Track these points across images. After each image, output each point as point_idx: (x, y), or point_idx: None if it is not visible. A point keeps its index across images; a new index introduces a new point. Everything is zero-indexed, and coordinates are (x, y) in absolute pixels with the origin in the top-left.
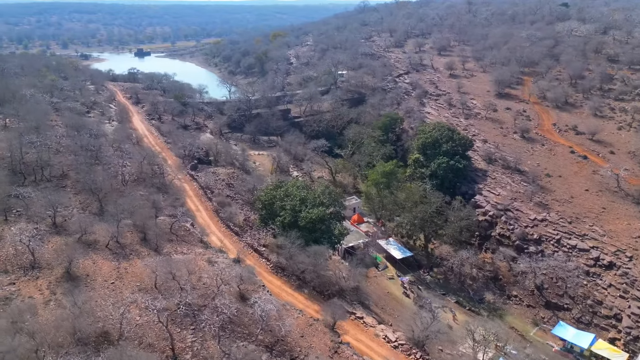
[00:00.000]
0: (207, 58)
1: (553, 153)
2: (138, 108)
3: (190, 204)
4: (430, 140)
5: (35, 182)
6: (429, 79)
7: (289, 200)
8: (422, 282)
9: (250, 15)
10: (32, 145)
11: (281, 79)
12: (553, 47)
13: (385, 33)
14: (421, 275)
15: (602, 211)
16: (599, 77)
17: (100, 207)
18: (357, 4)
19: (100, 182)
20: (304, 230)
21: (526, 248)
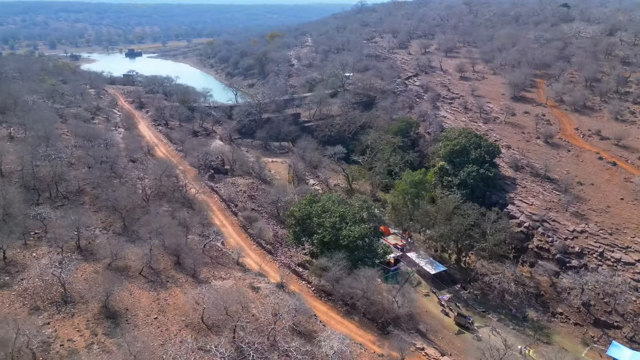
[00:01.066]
0: (201, 59)
1: (581, 159)
2: (142, 113)
3: (214, 219)
4: (458, 147)
5: (50, 199)
6: (440, 81)
7: (327, 217)
8: (459, 299)
9: (240, 14)
10: (45, 158)
11: (283, 80)
12: (563, 48)
13: (387, 34)
14: (458, 292)
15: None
16: (614, 79)
17: (123, 226)
18: (354, 4)
19: (122, 198)
20: (345, 250)
21: (568, 262)
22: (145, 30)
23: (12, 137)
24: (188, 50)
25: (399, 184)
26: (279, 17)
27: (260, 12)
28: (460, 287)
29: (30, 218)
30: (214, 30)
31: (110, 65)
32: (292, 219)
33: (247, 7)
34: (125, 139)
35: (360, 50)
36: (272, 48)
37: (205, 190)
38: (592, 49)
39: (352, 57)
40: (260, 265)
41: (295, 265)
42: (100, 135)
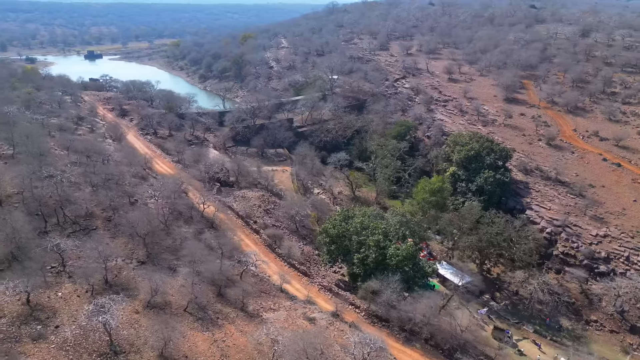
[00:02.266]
0: (169, 61)
1: (586, 161)
2: (126, 122)
3: (234, 238)
4: (472, 152)
5: (59, 225)
6: (429, 83)
7: (369, 234)
8: (491, 311)
9: (201, 14)
10: (44, 178)
11: (264, 84)
12: (544, 50)
13: (365, 35)
14: (487, 303)
15: None
16: (601, 80)
17: (147, 253)
18: (326, 4)
19: (140, 221)
20: (393, 270)
21: (596, 267)
22: (102, 31)
23: (1, 156)
24: (152, 51)
25: (417, 192)
26: (240, 18)
27: (220, 12)
28: (490, 297)
29: (42, 249)
30: (175, 30)
31: (70, 68)
32: (324, 237)
33: (207, 6)
34: (118, 152)
35: (342, 52)
36: (247, 50)
37: (216, 206)
38: (571, 50)
39: (335, 60)
40: (299, 288)
41: (338, 288)
42: (95, 150)
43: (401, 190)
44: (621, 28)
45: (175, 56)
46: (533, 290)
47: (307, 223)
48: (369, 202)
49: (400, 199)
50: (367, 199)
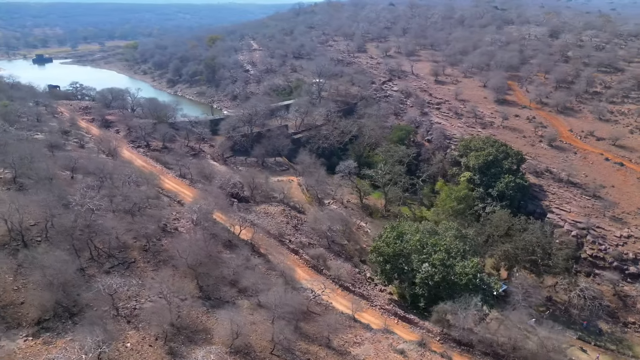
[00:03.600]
0: (129, 64)
1: (590, 162)
2: (112, 133)
3: (274, 260)
4: (491, 158)
5: (93, 260)
6: (417, 85)
7: (431, 252)
8: (540, 321)
9: (151, 14)
10: (67, 207)
11: (240, 88)
12: (521, 51)
13: (339, 37)
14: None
15: None
16: (584, 81)
17: (198, 286)
18: (292, 4)
19: (187, 251)
20: (462, 289)
21: (626, 269)
22: (47, 33)
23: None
24: (107, 54)
25: (443, 200)
26: (192, 18)
27: (171, 12)
28: (527, 305)
29: (94, 292)
30: (125, 31)
31: (19, 73)
32: (376, 256)
33: (157, 6)
34: (118, 168)
35: (321, 54)
36: (217, 52)
37: (242, 224)
38: (547, 51)
39: (323, 63)
40: (363, 314)
41: (402, 312)
42: (100, 169)
43: (409, 196)
44: (587, 29)
45: (135, 59)
46: (574, 296)
47: (337, 238)
48: (377, 209)
49: (408, 204)
50: (376, 206)
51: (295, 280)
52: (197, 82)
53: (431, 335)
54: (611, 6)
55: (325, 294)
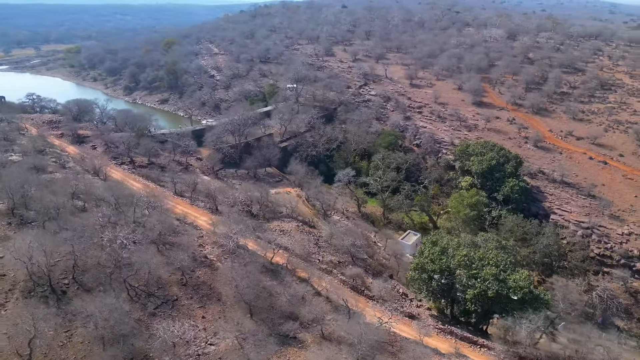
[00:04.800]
0: (75, 70)
1: (576, 161)
2: (89, 149)
3: (316, 284)
4: (494, 162)
5: (133, 300)
6: (394, 90)
7: (480, 266)
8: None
9: (87, 16)
10: (96, 245)
11: (208, 94)
12: (487, 53)
13: (303, 40)
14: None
15: None
16: (553, 82)
17: (255, 322)
18: (240, 5)
19: (239, 284)
20: (514, 303)
21: (633, 265)
22: None
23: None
24: (46, 60)
25: (455, 207)
26: (132, 19)
27: (108, 13)
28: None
29: (139, 339)
30: (61, 34)
31: None
32: (419, 273)
33: (92, 7)
34: (112, 190)
35: (289, 58)
36: (174, 57)
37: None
38: (509, 52)
39: (286, 68)
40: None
41: (459, 330)
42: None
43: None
44: (541, 31)
45: (81, 65)
46: (596, 296)
47: (359, 253)
48: (376, 218)
49: (406, 211)
50: (374, 214)
51: (341, 305)
52: (157, 89)
53: (494, 353)
54: (541, 7)
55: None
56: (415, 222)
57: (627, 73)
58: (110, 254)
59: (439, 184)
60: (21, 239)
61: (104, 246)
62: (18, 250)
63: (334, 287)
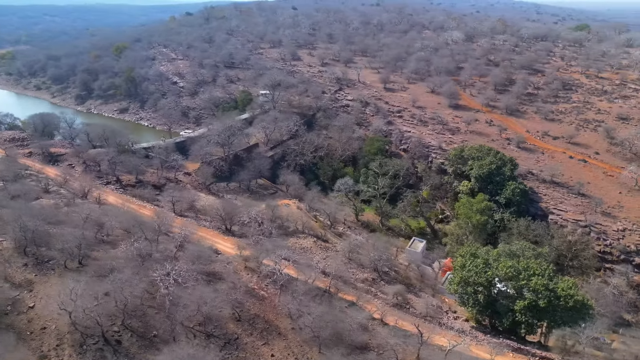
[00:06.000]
0: (14, 78)
1: (559, 161)
2: (66, 169)
3: (365, 305)
4: (494, 166)
5: (193, 342)
6: (370, 94)
7: (527, 277)
8: None
9: (14, 17)
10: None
11: (173, 102)
12: (452, 56)
13: (265, 44)
14: None
15: None
16: (522, 84)
17: (322, 355)
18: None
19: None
20: (566, 311)
21: (632, 260)
22: None
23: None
24: None
25: (465, 214)
26: (63, 21)
27: (36, 14)
28: None
29: None
30: None
31: None
32: (465, 286)
33: (16, 8)
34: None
35: (255, 63)
36: (132, 63)
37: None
38: (472, 55)
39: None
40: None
41: (514, 343)
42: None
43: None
44: (495, 34)
45: (20, 72)
46: (609, 293)
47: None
48: (374, 225)
49: (402, 218)
50: (372, 222)
51: (400, 329)
52: (113, 98)
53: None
54: (474, 8)
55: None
56: (413, 227)
57: (582, 73)
58: (167, 294)
59: (432, 189)
60: (48, 284)
61: (154, 284)
62: (49, 296)
63: (383, 308)
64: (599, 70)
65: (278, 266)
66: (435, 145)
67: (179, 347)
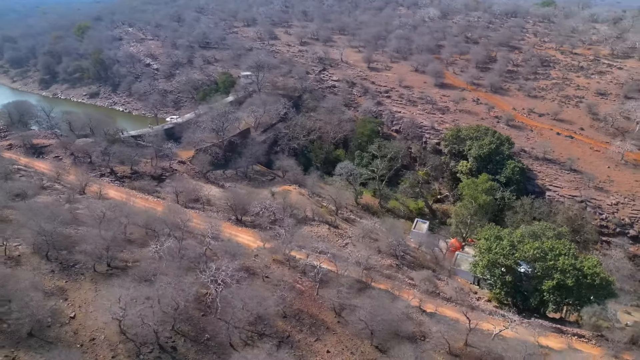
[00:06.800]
0: None
1: (547, 137)
2: (53, 161)
3: (400, 294)
4: (494, 146)
5: (247, 344)
6: (355, 74)
7: (554, 257)
8: None
9: None
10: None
11: (148, 85)
12: (431, 34)
13: (239, 22)
14: None
15: (637, 183)
16: (504, 61)
17: (374, 348)
18: None
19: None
20: (592, 289)
21: (627, 232)
22: None
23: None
24: None
25: (472, 195)
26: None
27: None
28: None
29: None
30: None
31: None
32: (492, 268)
33: None
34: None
35: (233, 43)
36: (98, 44)
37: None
38: (450, 32)
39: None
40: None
41: (548, 322)
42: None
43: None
44: (469, 10)
45: None
46: (612, 266)
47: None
48: (374, 208)
49: (399, 198)
50: (370, 205)
51: (440, 315)
52: (81, 81)
53: (585, 339)
54: None
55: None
56: (411, 208)
57: (556, 49)
58: (212, 295)
59: (431, 170)
60: (82, 290)
61: (202, 285)
62: (87, 303)
63: (420, 296)
64: (573, 47)
65: (317, 261)
66: (428, 125)
67: (246, 351)
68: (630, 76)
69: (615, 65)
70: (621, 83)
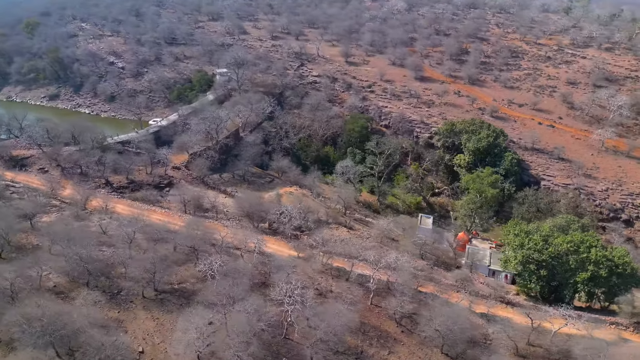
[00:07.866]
0: None
1: (531, 127)
2: (38, 174)
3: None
4: (492, 139)
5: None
6: (334, 69)
7: (587, 250)
8: None
9: None
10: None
11: (114, 85)
12: (401, 26)
13: (204, 16)
14: None
15: (620, 169)
16: (478, 53)
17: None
18: None
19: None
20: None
21: (619, 217)
22: None
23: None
24: None
25: (478, 188)
26: None
27: None
28: None
29: None
30: None
31: None
32: (526, 264)
33: None
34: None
35: (201, 38)
36: (53, 42)
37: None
38: (419, 24)
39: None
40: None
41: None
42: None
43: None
44: (435, 2)
45: None
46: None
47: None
48: (374, 205)
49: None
50: (370, 202)
51: (492, 316)
52: (36, 82)
53: (623, 327)
54: None
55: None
56: (409, 203)
57: (521, 40)
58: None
59: (430, 164)
60: (138, 320)
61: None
62: (150, 335)
63: (469, 297)
64: (536, 37)
65: (370, 271)
66: (417, 119)
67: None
68: (595, 65)
69: (578, 54)
70: (587, 72)
